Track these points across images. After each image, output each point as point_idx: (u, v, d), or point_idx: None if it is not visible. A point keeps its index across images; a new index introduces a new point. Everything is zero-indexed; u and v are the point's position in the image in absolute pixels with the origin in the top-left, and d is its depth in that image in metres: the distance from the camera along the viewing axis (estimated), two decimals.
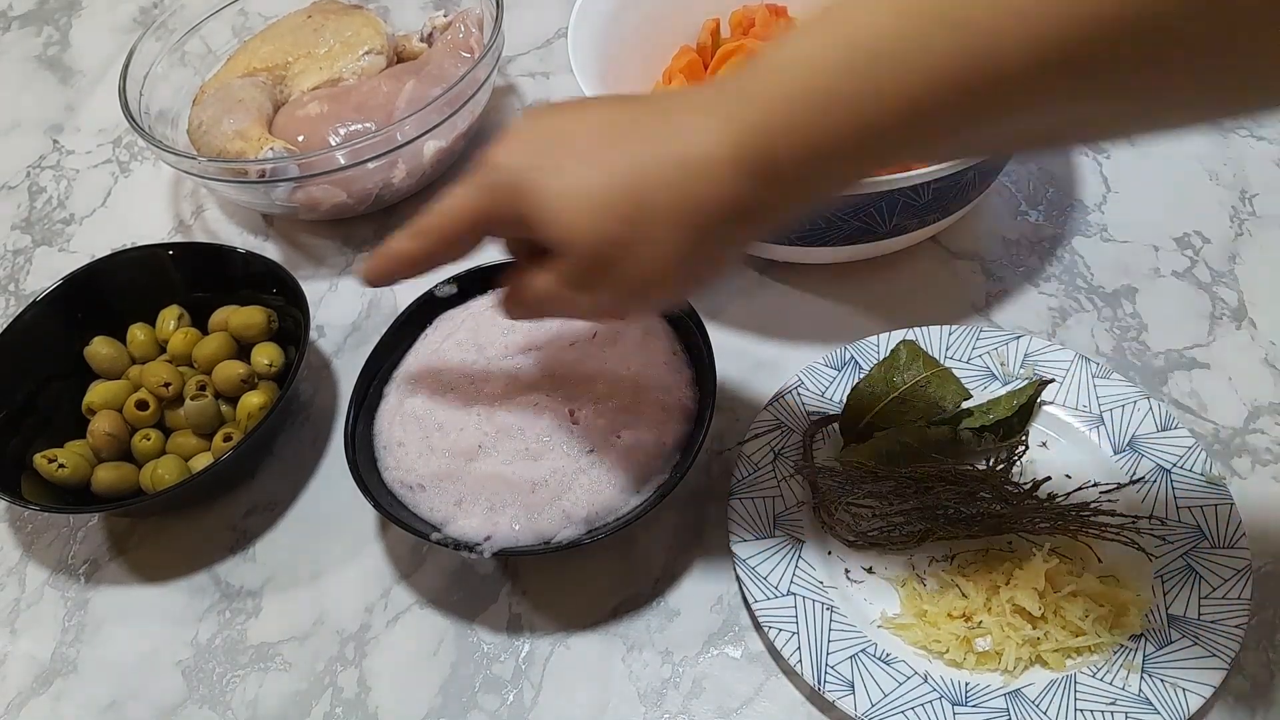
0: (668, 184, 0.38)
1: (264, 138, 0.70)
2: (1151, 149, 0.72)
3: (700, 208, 0.38)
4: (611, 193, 0.39)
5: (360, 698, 0.52)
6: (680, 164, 0.38)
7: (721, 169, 0.38)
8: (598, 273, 0.41)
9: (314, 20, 0.79)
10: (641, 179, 0.39)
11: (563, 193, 0.40)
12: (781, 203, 0.39)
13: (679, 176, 0.38)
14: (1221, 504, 0.51)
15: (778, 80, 0.36)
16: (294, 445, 0.62)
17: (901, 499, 0.52)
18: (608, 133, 0.40)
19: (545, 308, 0.45)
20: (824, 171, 0.37)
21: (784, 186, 0.38)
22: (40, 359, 0.62)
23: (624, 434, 0.53)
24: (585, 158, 0.40)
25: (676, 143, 0.38)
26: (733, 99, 0.37)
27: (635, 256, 0.40)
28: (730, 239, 0.41)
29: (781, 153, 0.36)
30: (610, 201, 0.39)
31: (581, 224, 0.40)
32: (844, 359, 0.59)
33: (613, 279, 0.41)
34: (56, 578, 0.59)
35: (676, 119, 0.39)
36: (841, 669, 0.48)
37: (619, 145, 0.40)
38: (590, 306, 0.43)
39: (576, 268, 0.41)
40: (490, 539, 0.51)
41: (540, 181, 0.40)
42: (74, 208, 0.80)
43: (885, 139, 0.35)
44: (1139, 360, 0.61)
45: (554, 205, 0.40)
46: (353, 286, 0.70)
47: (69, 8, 0.98)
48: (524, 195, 0.41)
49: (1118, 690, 0.47)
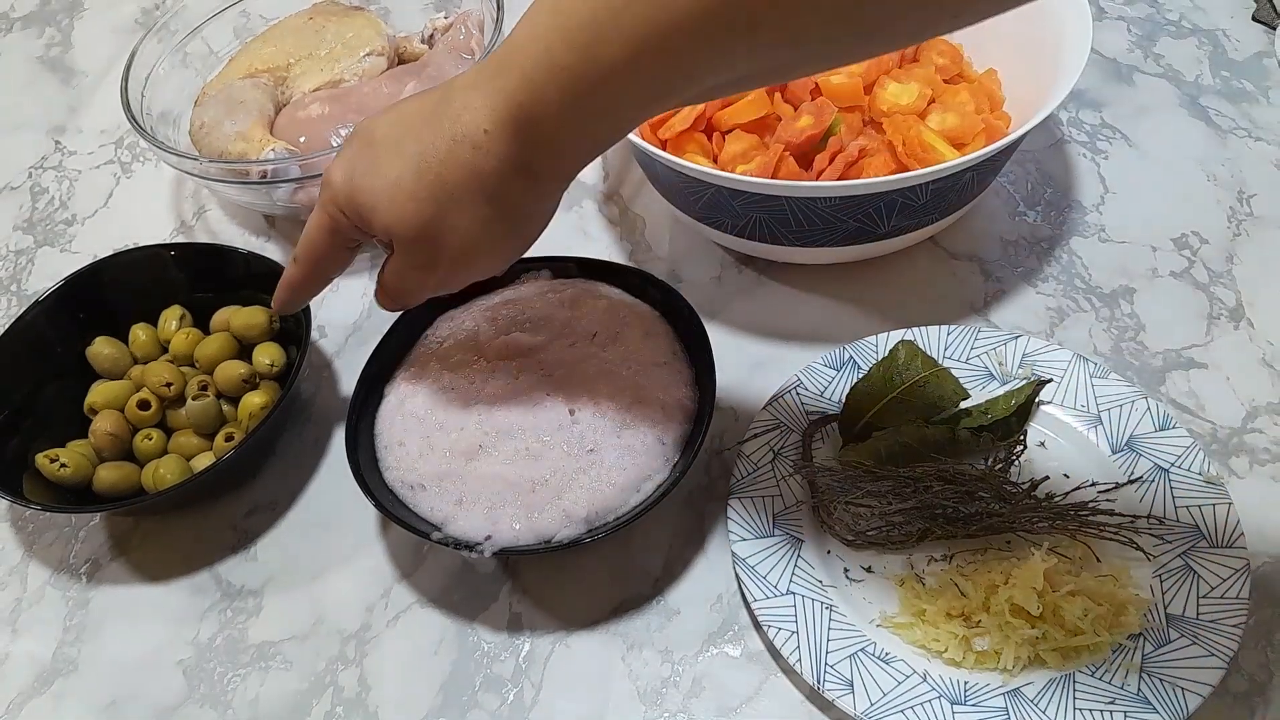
0: (457, 161, 0.43)
1: (265, 139, 0.70)
2: (1150, 150, 0.72)
3: (487, 175, 0.43)
4: (417, 179, 0.44)
5: (361, 697, 0.52)
6: (462, 141, 0.42)
7: (493, 139, 0.42)
8: (426, 251, 0.46)
9: (315, 22, 0.79)
10: (436, 161, 0.43)
11: (381, 189, 0.44)
12: (554, 157, 0.43)
13: (463, 152, 0.43)
14: (1220, 503, 0.51)
15: (519, 54, 0.41)
16: (295, 445, 0.62)
17: (900, 498, 0.53)
18: (406, 125, 0.44)
19: (403, 293, 0.50)
20: (578, 127, 0.42)
21: (549, 143, 0.42)
22: (42, 359, 0.62)
23: (624, 433, 0.53)
24: (393, 153, 0.44)
25: (457, 123, 0.43)
26: (491, 74, 0.42)
27: (451, 229, 0.45)
28: (525, 196, 0.45)
29: (537, 115, 0.41)
30: (418, 188, 0.44)
31: (398, 213, 0.44)
32: (843, 359, 0.59)
33: (441, 254, 0.46)
34: (58, 577, 0.59)
35: (457, 100, 0.43)
36: (841, 668, 0.48)
37: (416, 135, 0.44)
38: (434, 282, 0.48)
39: (409, 251, 0.46)
40: (490, 538, 0.51)
41: (363, 184, 0.45)
42: (76, 208, 0.80)
43: (615, 97, 0.40)
44: (1137, 360, 0.61)
45: (376, 203, 0.45)
46: (354, 286, 0.71)
47: (71, 9, 0.98)
48: (353, 200, 0.46)
49: (1116, 689, 0.47)
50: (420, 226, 0.44)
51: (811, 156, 0.64)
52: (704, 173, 0.57)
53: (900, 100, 0.65)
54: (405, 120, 0.45)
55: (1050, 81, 0.61)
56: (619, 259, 0.69)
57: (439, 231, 0.45)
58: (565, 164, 0.44)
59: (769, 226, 0.61)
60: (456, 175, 0.43)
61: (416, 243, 0.45)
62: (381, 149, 0.45)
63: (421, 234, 0.45)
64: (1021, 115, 0.66)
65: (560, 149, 0.43)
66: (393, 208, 0.44)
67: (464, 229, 0.45)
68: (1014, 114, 0.67)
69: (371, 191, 0.45)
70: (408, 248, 0.46)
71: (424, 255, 0.46)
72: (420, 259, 0.46)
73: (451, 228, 0.45)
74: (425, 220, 0.44)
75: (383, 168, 0.44)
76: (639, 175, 0.74)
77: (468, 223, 0.44)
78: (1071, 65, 0.60)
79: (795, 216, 0.59)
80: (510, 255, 0.48)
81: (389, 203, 0.44)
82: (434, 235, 0.45)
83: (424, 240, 0.45)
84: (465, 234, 0.45)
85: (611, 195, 0.74)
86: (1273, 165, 0.70)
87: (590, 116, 0.41)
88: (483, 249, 0.46)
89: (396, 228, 0.45)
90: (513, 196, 0.44)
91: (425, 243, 0.45)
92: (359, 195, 0.45)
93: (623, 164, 0.76)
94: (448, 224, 0.44)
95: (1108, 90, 0.76)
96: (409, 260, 0.47)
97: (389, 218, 0.45)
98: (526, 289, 0.61)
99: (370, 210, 0.45)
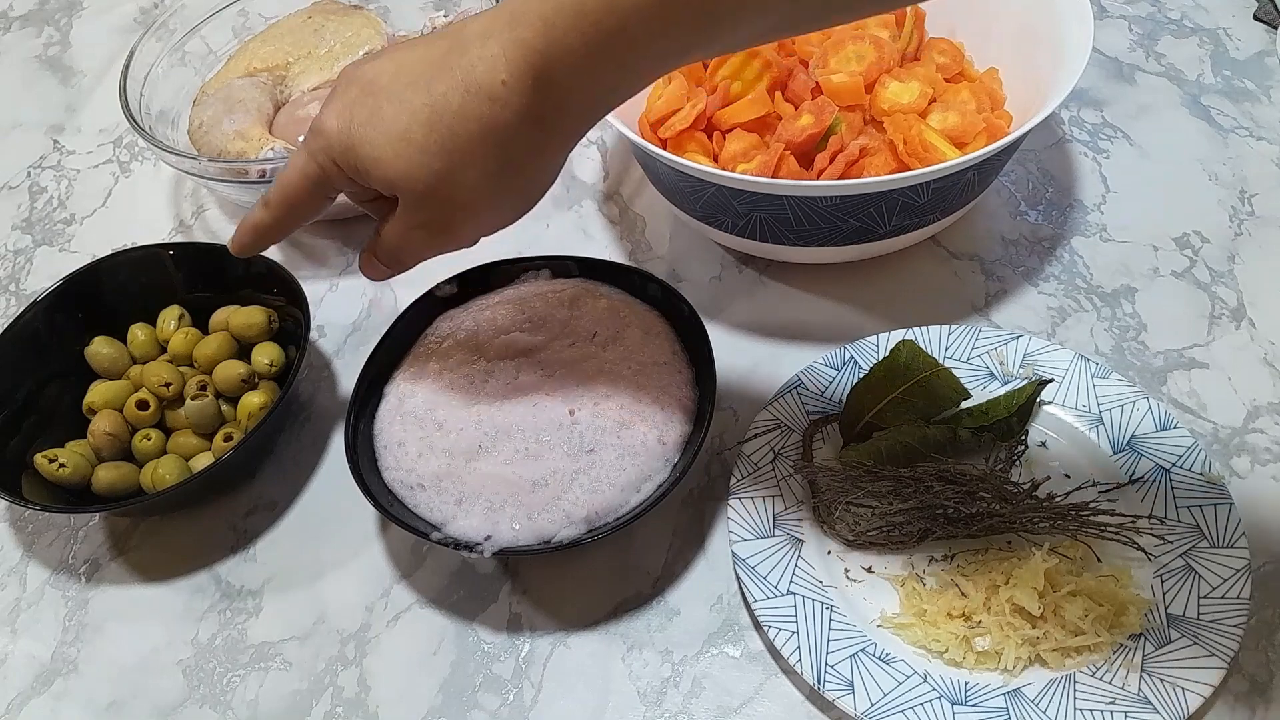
0: (469, 112, 0.41)
1: (264, 138, 0.70)
2: (1151, 150, 0.72)
3: (500, 127, 0.42)
4: (427, 132, 0.42)
5: (360, 697, 0.52)
6: (475, 92, 0.41)
7: (508, 90, 0.41)
8: (433, 207, 0.44)
9: (314, 21, 0.79)
10: (447, 112, 0.42)
11: (385, 140, 0.43)
12: (570, 110, 0.42)
13: (475, 103, 0.41)
14: (1221, 503, 0.51)
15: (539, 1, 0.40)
16: (294, 445, 0.62)
17: (901, 499, 0.52)
18: (413, 74, 0.43)
19: (400, 254, 0.48)
20: (599, 78, 0.41)
21: (567, 95, 0.41)
22: (41, 359, 0.62)
23: (624, 433, 0.53)
24: (397, 102, 0.43)
25: (471, 74, 0.41)
26: (506, 23, 0.41)
27: (460, 183, 0.43)
28: (537, 149, 0.44)
29: (555, 66, 0.40)
30: (426, 139, 0.42)
31: (404, 166, 0.43)
32: (844, 359, 0.59)
33: (448, 210, 0.44)
34: (57, 577, 0.59)
35: (471, 50, 0.41)
36: (841, 668, 0.48)
37: (424, 84, 0.42)
38: (438, 242, 0.47)
39: (414, 206, 0.45)
40: (490, 538, 0.51)
41: (363, 135, 0.43)
42: (75, 208, 0.80)
43: (642, 44, 0.39)
44: (1138, 360, 0.61)
45: (379, 154, 0.43)
46: (353, 286, 0.70)
47: (69, 8, 0.98)
48: (352, 151, 0.44)
49: (1117, 689, 0.47)
50: (429, 181, 0.43)
51: (812, 156, 0.64)
52: (704, 172, 0.57)
53: (901, 99, 0.65)
54: (410, 69, 0.43)
55: (1051, 80, 0.61)
56: (619, 259, 0.69)
57: (448, 186, 0.43)
58: (581, 118, 0.43)
59: (769, 226, 0.60)
60: (470, 128, 0.42)
61: (424, 197, 0.44)
62: (385, 98, 0.43)
63: (430, 189, 0.43)
64: (1023, 114, 0.66)
65: (578, 101, 0.42)
66: (399, 161, 0.43)
67: (473, 184, 0.43)
68: (1015, 113, 0.67)
69: (374, 144, 0.43)
70: (414, 203, 0.45)
71: (430, 211, 0.45)
72: (426, 215, 0.45)
73: (460, 183, 0.43)
74: (434, 174, 0.43)
75: (387, 119, 0.43)
76: (639, 175, 0.74)
77: (477, 177, 0.43)
78: (1073, 64, 0.60)
79: (796, 216, 0.59)
80: (515, 213, 0.47)
81: (395, 156, 0.43)
82: (443, 190, 0.43)
83: (432, 195, 0.44)
84: (474, 189, 0.43)
85: (611, 195, 0.74)
86: (1274, 164, 0.70)
87: (613, 66, 0.40)
88: (490, 205, 0.45)
89: (403, 182, 0.43)
90: (526, 151, 0.43)
91: (433, 197, 0.44)
92: (360, 147, 0.44)
93: (623, 164, 0.76)
94: (457, 179, 0.43)
95: (1109, 89, 0.76)
96: (414, 217, 0.45)
97: (394, 171, 0.43)
98: (526, 289, 0.61)
99: (372, 163, 0.43)
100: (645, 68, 0.41)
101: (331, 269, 0.72)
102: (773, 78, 0.67)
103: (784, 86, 0.67)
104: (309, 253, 0.73)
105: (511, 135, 0.42)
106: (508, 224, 0.47)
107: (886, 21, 0.69)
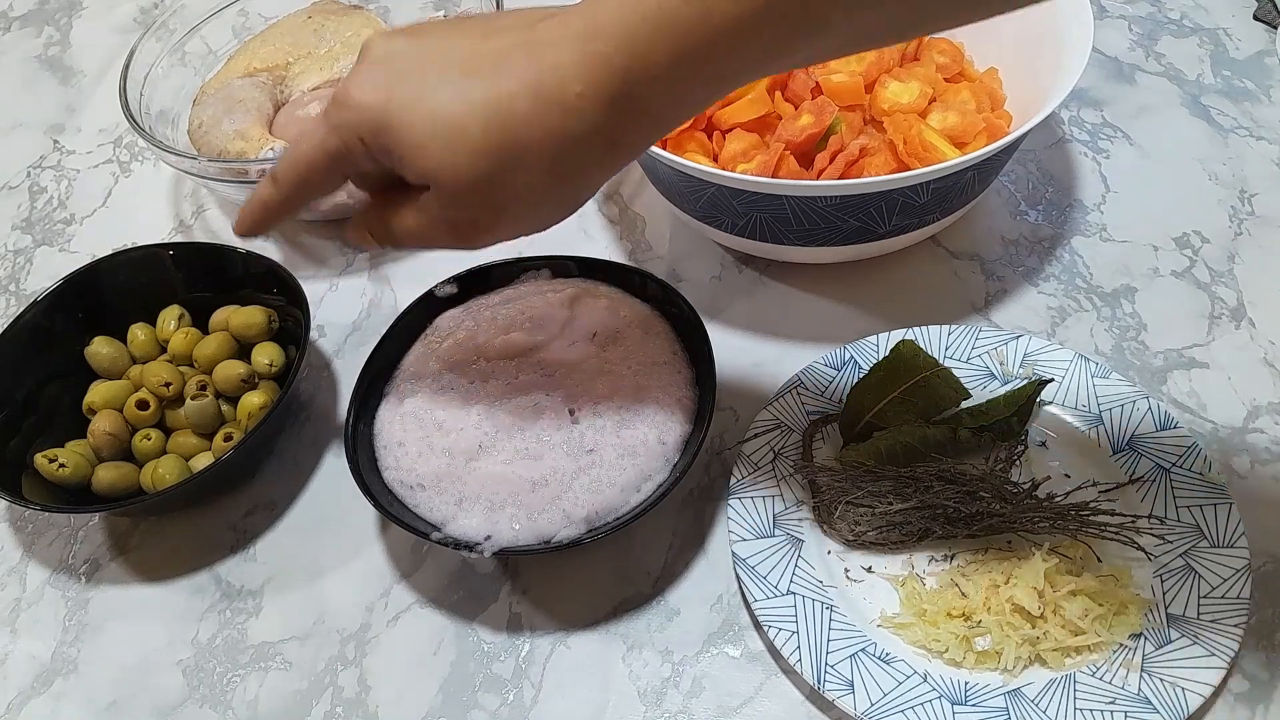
0: (535, 120, 0.39)
1: (264, 138, 0.70)
2: (1151, 149, 0.72)
3: (566, 139, 0.39)
4: (485, 131, 0.39)
5: (360, 697, 0.52)
6: (546, 100, 0.38)
7: (584, 103, 0.38)
8: (469, 205, 0.41)
9: (314, 21, 0.79)
10: (510, 114, 0.39)
11: (431, 128, 0.40)
12: (644, 127, 0.40)
13: (545, 112, 0.39)
14: (1221, 503, 0.51)
15: (621, 13, 0.37)
16: (294, 445, 0.62)
17: (901, 498, 0.52)
18: (471, 63, 0.40)
19: (410, 242, 0.45)
20: (677, 94, 0.39)
21: (643, 113, 0.39)
22: (41, 359, 0.62)
23: (624, 433, 0.53)
24: (451, 90, 0.39)
25: (541, 80, 0.39)
26: (585, 33, 0.38)
27: (507, 189, 0.40)
28: (599, 164, 0.41)
29: (635, 82, 0.38)
30: (481, 135, 0.39)
31: (451, 159, 0.40)
32: (843, 358, 0.59)
33: (484, 210, 0.41)
34: (57, 577, 0.59)
35: (542, 55, 0.39)
36: (841, 668, 0.48)
37: (487, 78, 0.39)
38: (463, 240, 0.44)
39: (447, 201, 0.41)
40: (490, 538, 0.51)
41: (403, 117, 0.40)
42: (74, 208, 0.80)
43: (725, 60, 0.37)
44: (1138, 360, 0.61)
45: (421, 140, 0.40)
46: (353, 286, 0.70)
47: (69, 8, 0.98)
48: (388, 131, 0.40)
49: (1117, 689, 0.47)
50: (472, 179, 0.40)
51: (812, 155, 0.64)
52: (704, 172, 0.57)
53: (901, 99, 0.65)
54: (468, 57, 0.40)
55: (1051, 80, 0.61)
56: (619, 258, 0.69)
57: (493, 188, 0.40)
58: (653, 134, 0.41)
59: (769, 226, 0.60)
60: (533, 134, 0.39)
61: (462, 195, 0.41)
62: (437, 82, 0.40)
63: (471, 187, 0.40)
64: (1022, 114, 0.66)
65: (654, 117, 0.40)
66: (445, 153, 0.39)
67: (519, 190, 0.41)
68: (1015, 113, 0.67)
69: (415, 128, 0.40)
70: (448, 199, 0.41)
71: (464, 210, 0.42)
72: (457, 213, 0.42)
73: (505, 186, 0.40)
74: (480, 174, 0.40)
75: (438, 105, 0.39)
76: (639, 175, 0.74)
77: (525, 184, 0.40)
78: (1073, 64, 0.60)
79: (796, 216, 0.59)
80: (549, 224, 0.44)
81: (443, 149, 0.39)
82: (485, 191, 0.40)
83: (471, 193, 0.41)
84: (519, 195, 0.41)
85: (611, 195, 0.74)
86: (1274, 164, 0.70)
87: (698, 80, 0.38)
88: (529, 212, 0.43)
89: (443, 175, 0.40)
90: (587, 165, 0.41)
91: (472, 196, 0.41)
92: (398, 129, 0.40)
93: None
94: (504, 182, 0.40)
95: (1109, 89, 0.76)
96: (442, 212, 0.42)
97: (435, 163, 0.40)
98: (526, 288, 0.61)
99: (412, 148, 0.40)
100: (731, 79, 0.39)
101: (331, 269, 0.72)
102: (772, 78, 0.67)
103: (784, 86, 0.67)
104: (309, 253, 0.73)
105: (577, 148, 0.40)
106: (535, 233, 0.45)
107: None
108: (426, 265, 0.71)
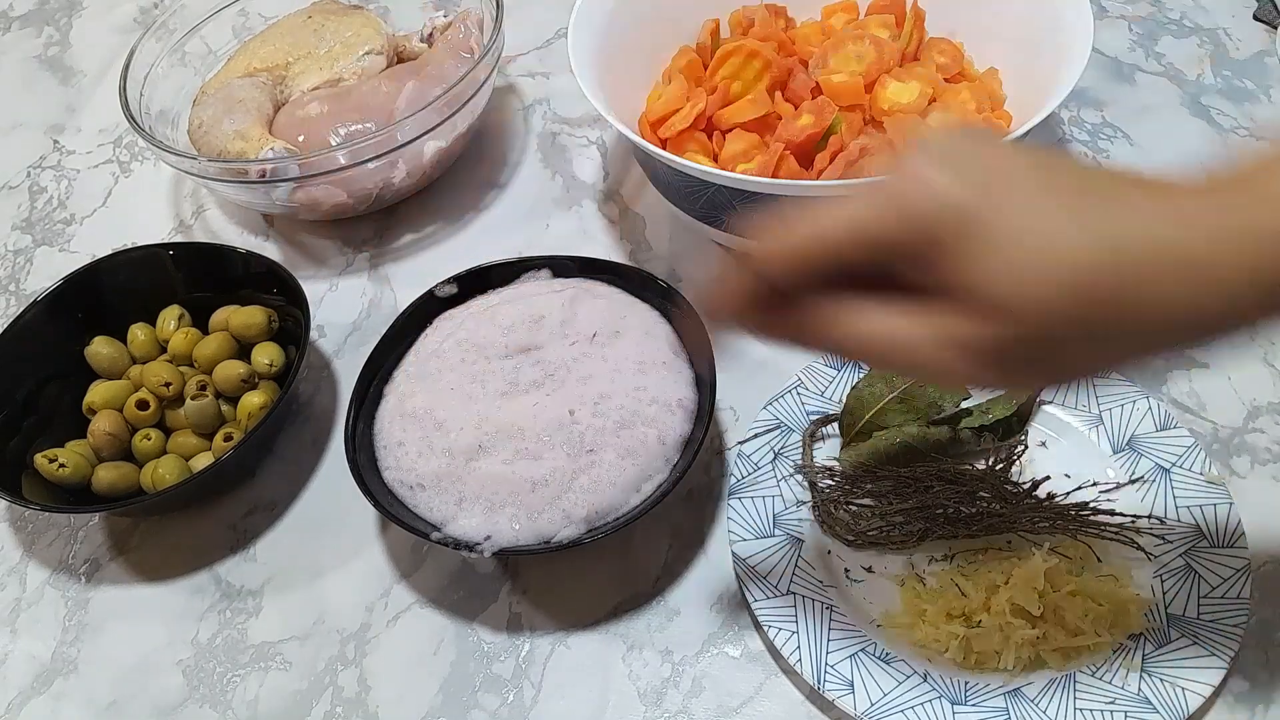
0: (1164, 280, 0.31)
1: (264, 138, 0.70)
2: (1151, 149, 0.72)
3: (1198, 320, 0.32)
4: (1094, 264, 0.31)
5: (360, 697, 0.52)
6: (1187, 264, 0.31)
7: (1235, 283, 0.31)
8: (1028, 350, 0.32)
9: (314, 21, 0.79)
10: (1131, 262, 0.31)
11: (1027, 242, 0.31)
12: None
13: (1182, 276, 0.31)
14: (1221, 503, 0.51)
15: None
16: (294, 445, 0.62)
17: (901, 499, 0.52)
18: (1079, 186, 0.32)
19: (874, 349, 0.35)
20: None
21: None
22: (41, 359, 0.62)
23: (623, 433, 0.53)
24: (1056, 207, 0.32)
25: (1182, 233, 0.31)
26: (1253, 201, 0.31)
27: (1089, 347, 0.32)
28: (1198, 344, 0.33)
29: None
30: (1088, 275, 0.31)
31: (1043, 291, 0.31)
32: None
33: (1037, 361, 0.33)
34: (57, 577, 0.59)
35: (1180, 203, 0.32)
36: (841, 668, 0.48)
37: (1101, 206, 0.32)
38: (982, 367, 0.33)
39: (1006, 337, 0.32)
40: (490, 538, 0.51)
41: (995, 221, 0.32)
42: (75, 208, 0.80)
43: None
44: None
45: (1010, 255, 0.31)
46: (353, 286, 0.70)
47: (69, 8, 0.98)
48: (969, 230, 0.32)
49: (1117, 689, 0.47)
50: (1062, 323, 0.31)
51: (812, 155, 0.64)
52: (704, 172, 0.57)
53: (901, 99, 0.65)
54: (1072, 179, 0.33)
55: (1051, 80, 0.61)
56: (619, 258, 0.69)
57: (1072, 341, 0.32)
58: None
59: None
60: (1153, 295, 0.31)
61: (1031, 335, 0.32)
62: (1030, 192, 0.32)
63: (1051, 332, 0.32)
64: (1022, 114, 0.66)
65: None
66: (1037, 283, 0.31)
67: (1109, 354, 0.33)
68: (1015, 113, 0.67)
69: (1008, 239, 0.31)
70: (1009, 333, 0.32)
71: (1018, 352, 0.32)
72: (1008, 353, 0.32)
73: (1095, 345, 0.32)
74: (1074, 320, 0.31)
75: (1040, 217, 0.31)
76: (639, 175, 0.74)
77: (1123, 350, 0.33)
78: (1073, 64, 0.60)
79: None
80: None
81: (1036, 271, 0.31)
82: (1062, 341, 0.32)
83: (1045, 340, 0.32)
84: (1103, 359, 0.33)
85: (611, 195, 0.74)
86: None
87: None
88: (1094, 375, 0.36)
89: (1023, 304, 0.31)
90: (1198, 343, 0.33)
91: (1043, 342, 0.32)
92: (984, 232, 0.32)
93: (623, 164, 0.76)
94: (1095, 339, 0.32)
95: (1109, 89, 0.76)
96: (992, 346, 0.32)
97: (1018, 285, 0.31)
98: (526, 288, 0.61)
99: (989, 258, 0.31)
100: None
101: (331, 269, 0.72)
102: (773, 78, 0.67)
103: (784, 86, 0.67)
104: (309, 253, 0.73)
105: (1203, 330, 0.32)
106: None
107: (886, 21, 0.69)
108: (426, 265, 0.71)
